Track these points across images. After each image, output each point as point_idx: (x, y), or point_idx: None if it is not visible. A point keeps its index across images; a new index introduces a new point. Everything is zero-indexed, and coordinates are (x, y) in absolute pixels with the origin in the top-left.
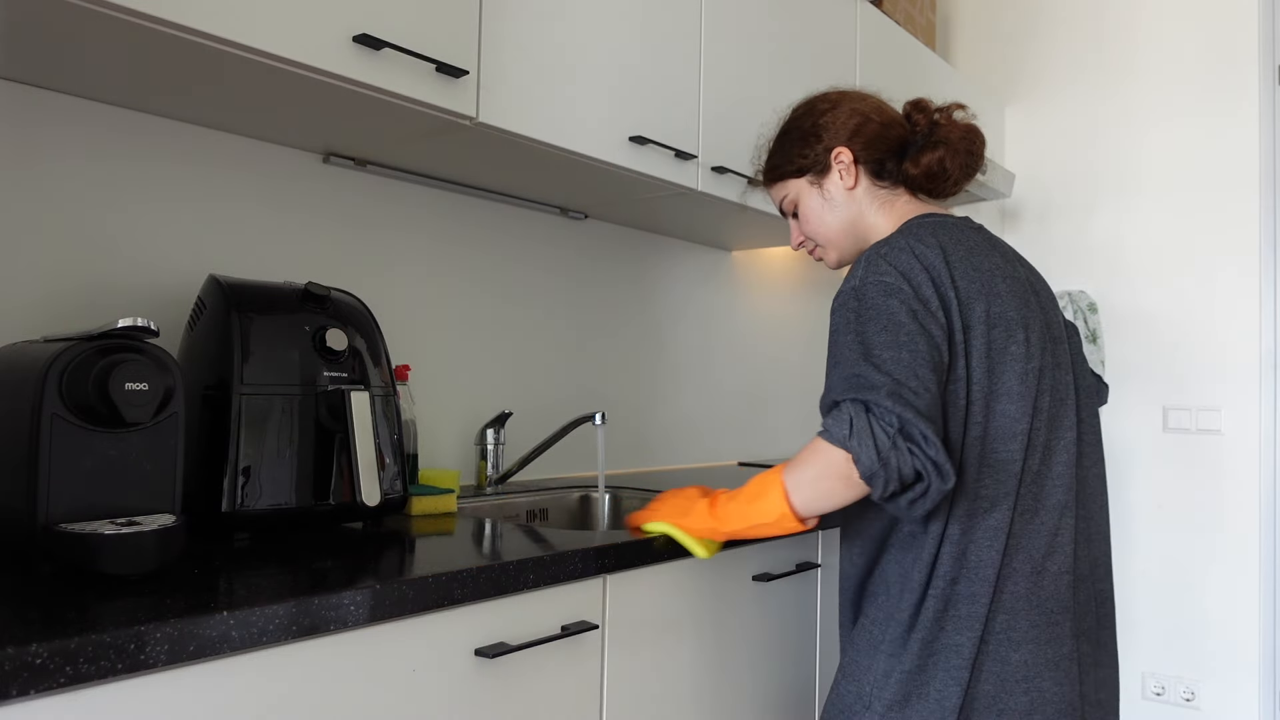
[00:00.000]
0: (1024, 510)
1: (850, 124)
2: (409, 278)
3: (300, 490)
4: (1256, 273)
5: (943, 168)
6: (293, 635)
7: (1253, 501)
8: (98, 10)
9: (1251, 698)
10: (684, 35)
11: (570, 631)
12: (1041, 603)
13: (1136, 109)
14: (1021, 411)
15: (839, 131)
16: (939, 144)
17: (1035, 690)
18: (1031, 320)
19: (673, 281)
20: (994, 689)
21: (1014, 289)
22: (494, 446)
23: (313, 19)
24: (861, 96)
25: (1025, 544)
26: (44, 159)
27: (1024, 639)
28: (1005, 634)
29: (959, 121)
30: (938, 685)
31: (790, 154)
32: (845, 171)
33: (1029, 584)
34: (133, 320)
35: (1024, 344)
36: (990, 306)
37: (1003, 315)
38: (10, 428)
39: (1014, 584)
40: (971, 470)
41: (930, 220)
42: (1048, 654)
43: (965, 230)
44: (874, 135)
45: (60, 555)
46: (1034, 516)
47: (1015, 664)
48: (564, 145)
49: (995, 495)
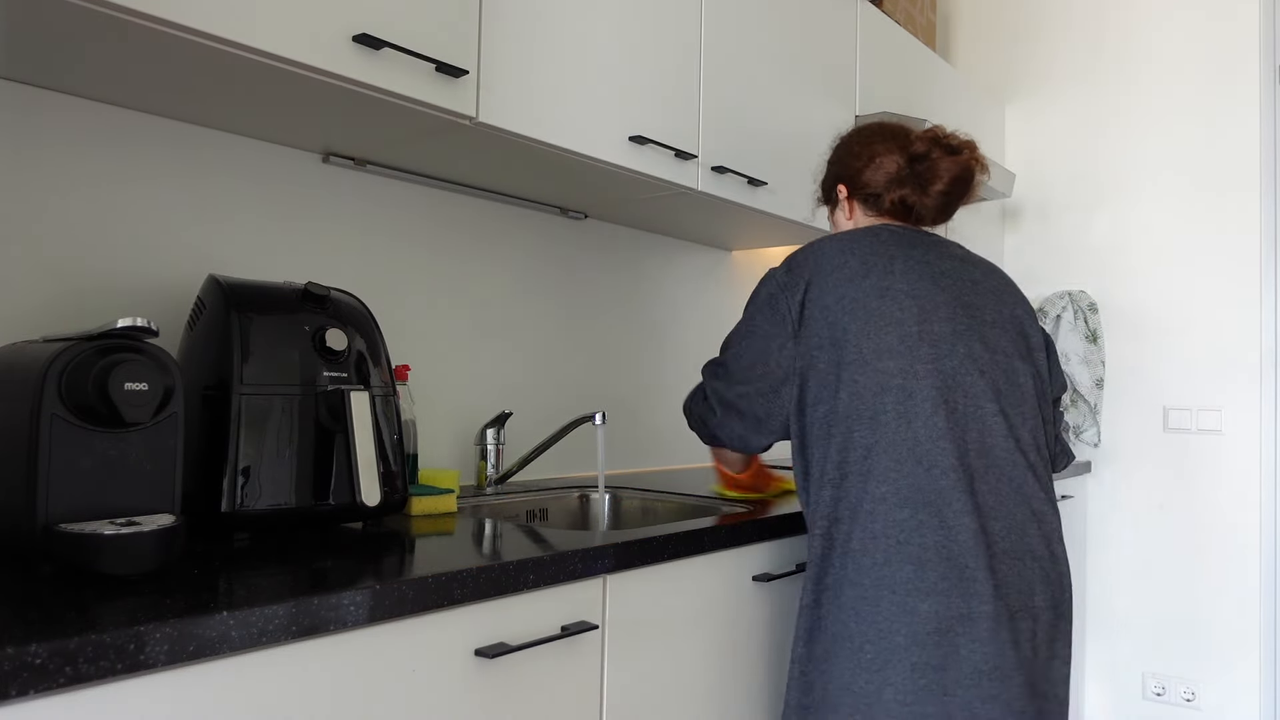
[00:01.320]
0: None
1: (852, 166)
2: (409, 277)
3: (300, 490)
4: (1257, 272)
5: (906, 205)
6: (292, 635)
7: (1253, 502)
8: (98, 10)
9: (1252, 698)
10: (684, 35)
11: (570, 632)
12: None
13: (1137, 109)
14: (884, 374)
15: (843, 170)
16: (911, 182)
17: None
18: (952, 308)
19: (673, 281)
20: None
21: (916, 272)
22: (494, 446)
23: (312, 19)
24: (873, 133)
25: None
26: (44, 159)
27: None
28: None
29: (949, 159)
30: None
31: (823, 183)
32: (844, 204)
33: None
34: (132, 320)
35: (917, 308)
36: (884, 281)
37: (889, 288)
38: (10, 428)
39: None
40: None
41: (878, 228)
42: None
43: (889, 232)
44: (858, 175)
45: (60, 555)
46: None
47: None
48: (564, 145)
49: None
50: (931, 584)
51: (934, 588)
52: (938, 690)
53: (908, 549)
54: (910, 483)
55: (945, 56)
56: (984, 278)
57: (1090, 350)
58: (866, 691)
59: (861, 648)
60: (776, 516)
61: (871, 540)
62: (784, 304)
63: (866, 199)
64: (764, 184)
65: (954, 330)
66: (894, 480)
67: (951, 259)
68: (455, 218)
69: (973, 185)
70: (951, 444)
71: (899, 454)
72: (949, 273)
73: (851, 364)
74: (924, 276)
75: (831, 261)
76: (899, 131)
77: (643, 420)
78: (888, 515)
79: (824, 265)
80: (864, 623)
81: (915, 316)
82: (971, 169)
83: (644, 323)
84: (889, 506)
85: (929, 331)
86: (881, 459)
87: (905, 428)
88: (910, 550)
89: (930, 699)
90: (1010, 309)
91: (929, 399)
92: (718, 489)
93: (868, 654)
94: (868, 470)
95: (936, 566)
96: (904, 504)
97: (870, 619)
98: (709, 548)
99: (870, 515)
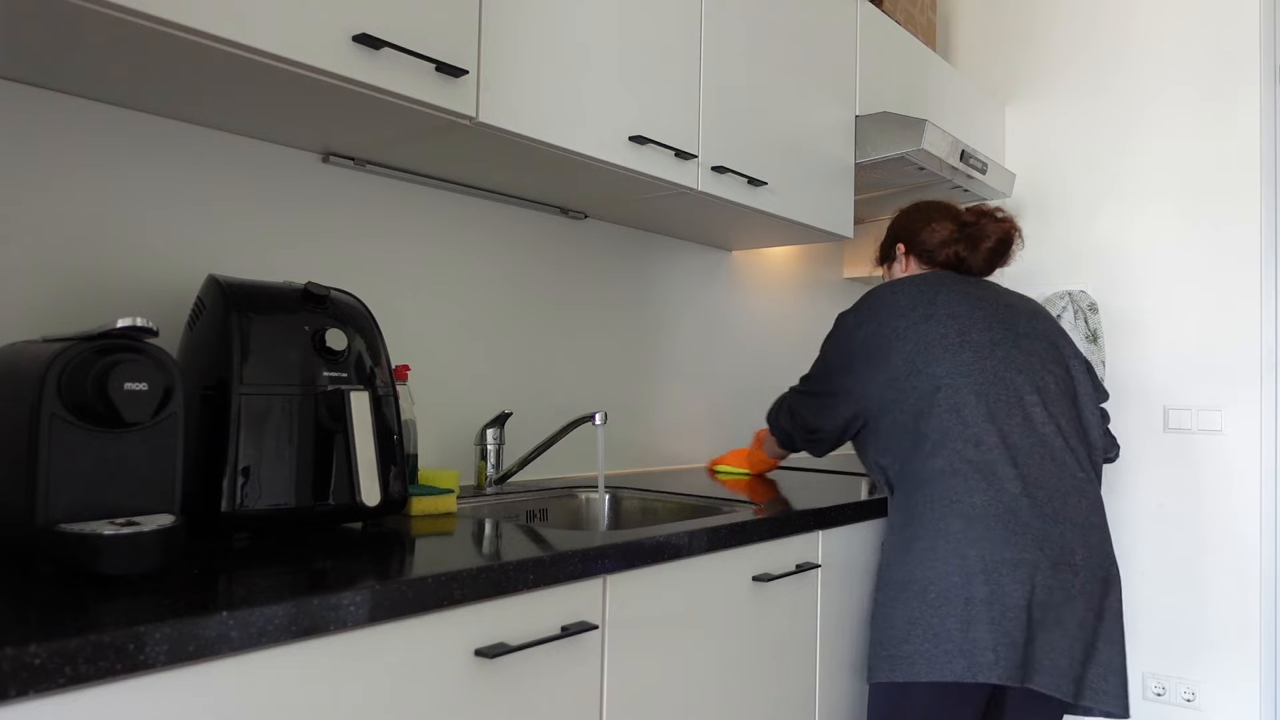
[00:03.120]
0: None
1: (912, 226)
2: (409, 277)
3: (300, 490)
4: (1257, 272)
5: (959, 259)
6: (292, 635)
7: (1253, 502)
8: (98, 10)
9: (1252, 698)
10: (684, 35)
11: (570, 632)
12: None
13: (1137, 109)
14: (933, 378)
15: (902, 231)
16: (961, 242)
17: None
18: (989, 322)
19: (673, 281)
20: None
21: (956, 299)
22: (494, 446)
23: (312, 19)
24: (931, 206)
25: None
26: (44, 159)
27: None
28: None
29: (994, 223)
30: None
31: (882, 246)
32: (902, 259)
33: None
34: (132, 320)
35: (960, 327)
36: (930, 309)
37: (930, 315)
38: (10, 428)
39: None
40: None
41: (914, 275)
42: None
43: (935, 275)
44: (915, 235)
45: (60, 555)
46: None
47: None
48: (564, 145)
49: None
50: (979, 534)
51: (981, 537)
52: (986, 620)
53: (958, 507)
54: (961, 456)
55: (945, 56)
56: (1018, 303)
57: (1090, 350)
58: (931, 623)
59: (925, 589)
60: (776, 517)
61: (931, 503)
62: (850, 341)
63: (921, 254)
64: (764, 184)
65: (991, 339)
66: (947, 456)
67: (988, 288)
68: (455, 218)
69: (1013, 246)
70: (993, 425)
71: (952, 436)
72: (985, 298)
73: (909, 374)
74: (962, 301)
75: (884, 301)
76: (952, 208)
77: (642, 420)
78: (943, 482)
79: (878, 306)
80: (925, 568)
81: (955, 330)
82: (1012, 234)
83: (644, 323)
84: (944, 475)
85: (969, 340)
86: (939, 440)
87: (955, 416)
88: (959, 508)
89: (981, 627)
90: (1042, 326)
91: (973, 391)
92: (726, 468)
93: (931, 594)
94: (929, 450)
95: (983, 520)
96: (955, 474)
97: (929, 564)
98: (709, 548)
99: (930, 483)
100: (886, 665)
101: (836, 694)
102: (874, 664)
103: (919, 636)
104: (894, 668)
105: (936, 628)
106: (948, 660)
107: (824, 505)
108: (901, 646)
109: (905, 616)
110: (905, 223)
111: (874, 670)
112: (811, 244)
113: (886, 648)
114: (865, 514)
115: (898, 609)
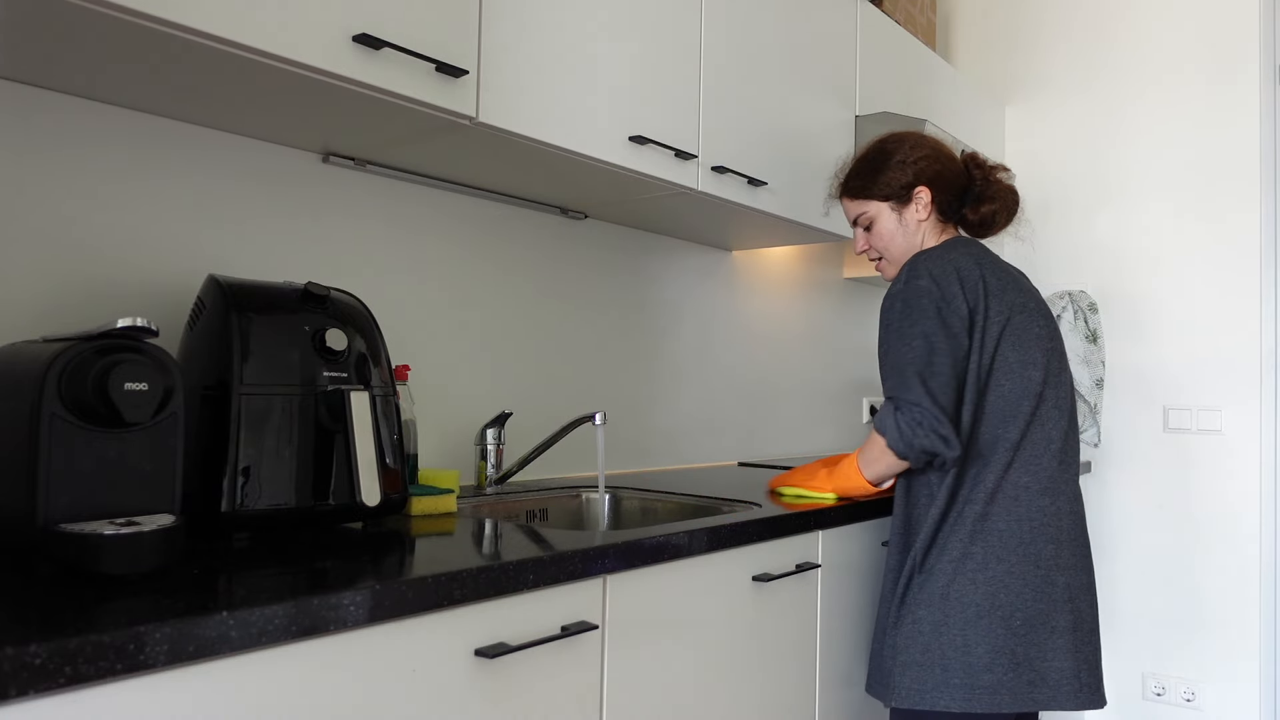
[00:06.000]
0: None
1: (933, 169)
2: (409, 277)
3: (300, 490)
4: (1257, 272)
5: (993, 218)
6: (292, 635)
7: (1253, 501)
8: (98, 10)
9: (1252, 698)
10: (684, 35)
11: (570, 631)
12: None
13: (1137, 109)
14: (1040, 378)
15: (923, 172)
16: (994, 198)
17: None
18: (1047, 314)
19: (673, 281)
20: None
21: (1030, 290)
22: (494, 446)
23: (312, 19)
24: (937, 144)
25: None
26: (44, 159)
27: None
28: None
29: (1004, 182)
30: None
31: (878, 179)
32: (923, 207)
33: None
34: (132, 320)
35: (1044, 328)
36: (1015, 298)
37: (1024, 305)
38: (10, 428)
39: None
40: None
41: (965, 239)
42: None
43: (990, 251)
44: (948, 183)
45: (60, 555)
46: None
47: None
48: (564, 145)
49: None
50: (1067, 561)
51: (1069, 564)
52: (1069, 648)
53: (1048, 531)
54: (1045, 472)
55: (945, 56)
56: (1033, 288)
57: (1090, 350)
58: (1017, 652)
59: (1011, 615)
60: (776, 517)
61: (1017, 521)
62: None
63: (946, 205)
64: (764, 184)
65: (1050, 331)
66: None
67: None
68: (455, 218)
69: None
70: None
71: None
72: (1030, 290)
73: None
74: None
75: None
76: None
77: (642, 420)
78: (1031, 502)
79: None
80: (1010, 593)
81: (1043, 326)
82: (1017, 191)
83: (644, 323)
84: (1031, 493)
85: (1044, 343)
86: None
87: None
88: (1049, 531)
89: (1065, 655)
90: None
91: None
92: (810, 494)
93: (1017, 620)
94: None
95: (1068, 544)
96: (1044, 491)
97: (1013, 589)
98: (709, 548)
99: (1013, 499)
100: (962, 694)
101: (836, 695)
102: (928, 689)
103: (1003, 666)
104: (972, 698)
105: (1021, 656)
106: (1030, 690)
107: (824, 505)
108: (983, 676)
109: (989, 644)
110: (930, 162)
111: (928, 695)
112: (811, 244)
113: (959, 675)
114: (865, 514)
115: (977, 633)
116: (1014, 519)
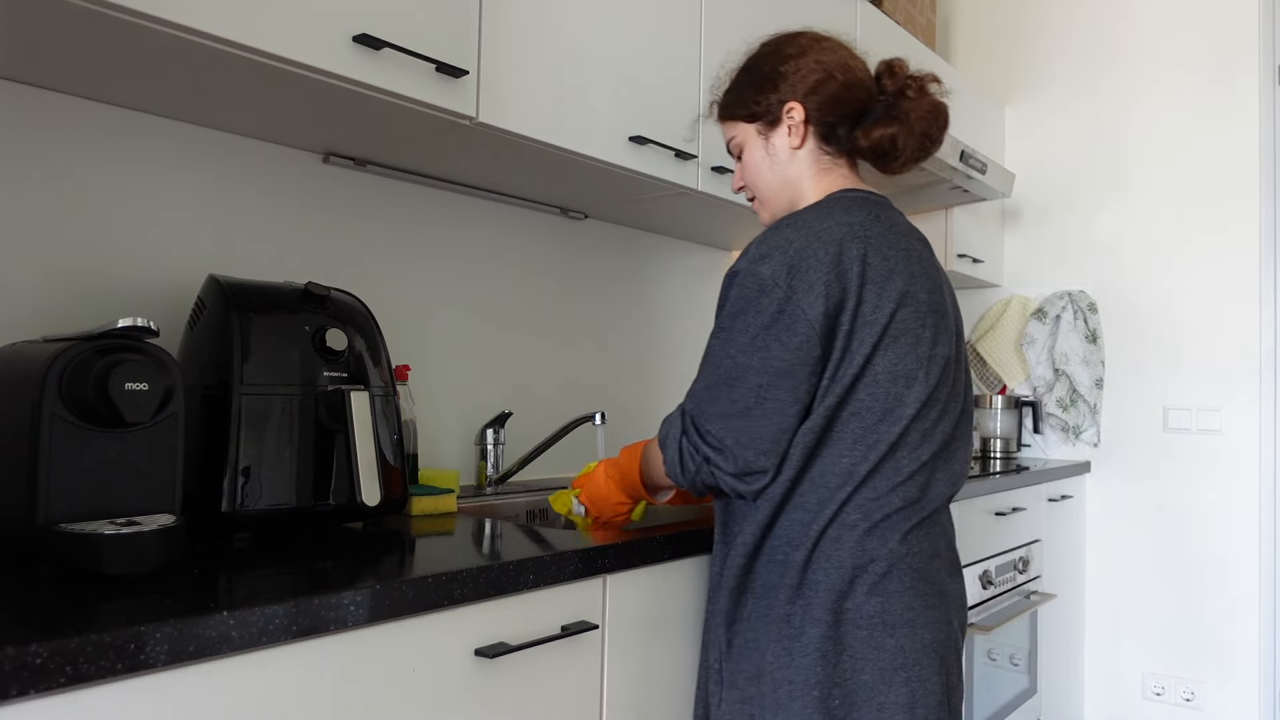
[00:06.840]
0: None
1: (811, 79)
2: (409, 278)
3: (300, 490)
4: (1256, 273)
5: (894, 145)
6: (293, 635)
7: (1253, 501)
8: (98, 10)
9: (1251, 698)
10: (684, 35)
11: (570, 631)
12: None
13: (1137, 109)
14: (915, 397)
15: (798, 84)
16: (895, 119)
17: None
18: (942, 307)
19: (672, 281)
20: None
21: (927, 273)
22: (494, 446)
23: (313, 19)
24: (833, 48)
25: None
26: (44, 159)
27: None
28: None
29: (929, 96)
30: None
31: (744, 96)
32: (794, 129)
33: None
34: (132, 320)
35: (932, 329)
36: (903, 285)
37: (912, 296)
38: (10, 428)
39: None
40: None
41: (854, 195)
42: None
43: (887, 209)
44: (832, 96)
45: (60, 555)
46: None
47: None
48: (564, 145)
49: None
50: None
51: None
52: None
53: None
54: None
55: (945, 56)
56: (944, 276)
57: (1090, 350)
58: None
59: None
60: None
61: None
62: None
63: (831, 130)
64: None
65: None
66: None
67: (933, 255)
68: (455, 218)
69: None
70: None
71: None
72: (943, 278)
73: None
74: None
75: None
76: (856, 54)
77: (642, 420)
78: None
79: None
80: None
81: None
82: (945, 109)
83: (644, 322)
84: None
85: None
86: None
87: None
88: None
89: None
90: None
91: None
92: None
93: None
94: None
95: None
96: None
97: None
98: (709, 548)
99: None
100: None
101: None
102: None
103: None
104: None
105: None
106: None
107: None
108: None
109: None
110: (815, 69)
111: None
112: None
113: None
114: None
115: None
116: (834, 567)
